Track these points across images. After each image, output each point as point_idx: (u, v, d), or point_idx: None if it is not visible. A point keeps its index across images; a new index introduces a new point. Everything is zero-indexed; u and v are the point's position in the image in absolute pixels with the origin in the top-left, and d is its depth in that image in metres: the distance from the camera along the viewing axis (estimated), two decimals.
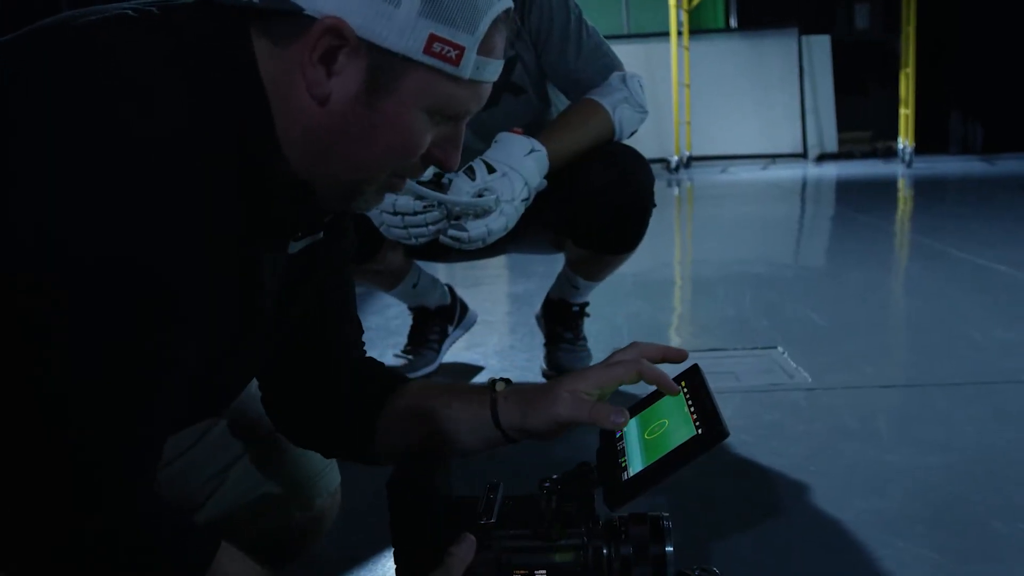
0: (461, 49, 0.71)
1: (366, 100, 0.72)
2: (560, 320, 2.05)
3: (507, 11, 0.75)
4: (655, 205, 1.80)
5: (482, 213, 1.50)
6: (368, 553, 1.20)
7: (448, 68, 0.72)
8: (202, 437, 1.02)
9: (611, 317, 2.58)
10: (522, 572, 0.84)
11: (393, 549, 0.84)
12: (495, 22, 0.73)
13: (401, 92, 0.72)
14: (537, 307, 2.18)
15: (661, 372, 0.88)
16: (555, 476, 0.91)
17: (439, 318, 2.11)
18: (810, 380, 1.92)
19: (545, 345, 2.07)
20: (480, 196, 1.50)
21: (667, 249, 4.15)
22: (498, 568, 0.84)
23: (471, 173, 1.53)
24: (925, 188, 5.78)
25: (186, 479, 1.00)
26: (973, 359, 2.04)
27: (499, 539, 0.85)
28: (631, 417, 0.91)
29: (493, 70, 0.75)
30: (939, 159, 7.79)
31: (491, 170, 1.53)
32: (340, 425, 0.99)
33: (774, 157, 8.15)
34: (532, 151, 1.56)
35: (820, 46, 8.31)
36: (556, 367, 1.97)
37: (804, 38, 8.20)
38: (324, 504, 1.13)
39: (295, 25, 0.69)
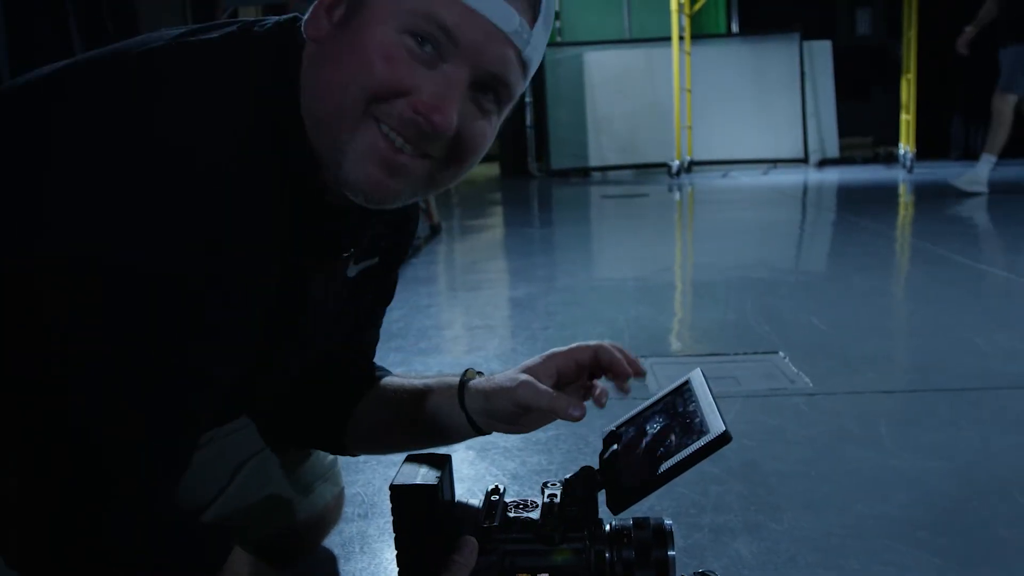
0: None
1: (344, 25, 0.74)
2: None
3: None
4: None
5: None
6: (371, 555, 1.20)
7: None
8: (211, 438, 1.02)
9: (612, 321, 2.58)
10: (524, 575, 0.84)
11: (396, 551, 0.84)
12: None
13: (372, 7, 0.73)
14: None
15: (618, 358, 0.91)
16: (558, 479, 0.91)
17: None
18: (811, 385, 1.92)
19: None
20: None
21: (668, 254, 4.15)
22: (501, 571, 0.84)
23: None
24: (926, 193, 5.78)
25: (194, 479, 1.00)
26: (975, 364, 2.04)
27: (502, 542, 0.85)
28: (634, 421, 0.91)
29: None
30: (940, 164, 7.78)
31: None
32: (314, 421, 1.02)
33: (775, 162, 8.14)
34: None
35: (822, 51, 8.31)
36: None
37: (805, 43, 8.19)
38: (328, 506, 1.14)
39: None
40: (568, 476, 0.89)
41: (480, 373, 0.95)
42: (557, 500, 0.87)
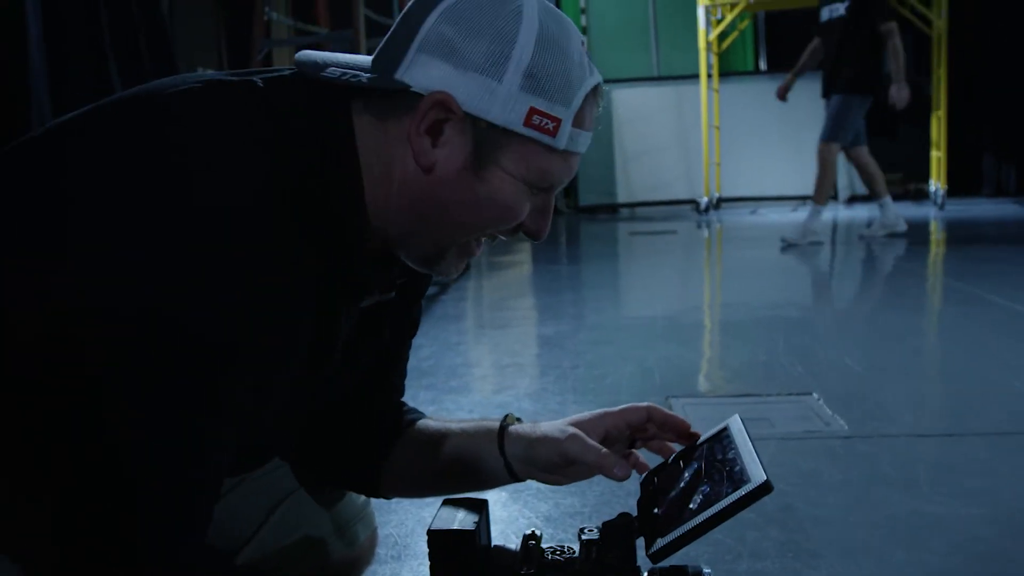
0: (558, 121, 0.76)
1: (473, 170, 0.77)
2: None
3: (598, 86, 0.80)
4: None
5: None
6: None
7: (546, 139, 0.76)
8: (245, 478, 1.03)
9: (642, 360, 2.57)
10: None
11: None
12: (588, 96, 0.79)
13: (504, 163, 0.77)
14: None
15: (671, 414, 0.92)
16: (595, 525, 0.91)
17: None
18: (847, 428, 1.90)
19: None
20: None
21: (697, 292, 4.13)
22: None
23: None
24: (958, 231, 5.73)
25: (229, 519, 1.01)
26: (1014, 408, 2.00)
27: None
28: (673, 468, 0.90)
29: (584, 141, 0.81)
30: (972, 201, 7.72)
31: None
32: (347, 462, 1.02)
33: (804, 198, 8.10)
34: None
35: None
36: None
37: None
38: (363, 546, 1.13)
39: (402, 101, 0.75)
40: (606, 522, 0.89)
41: (519, 419, 0.95)
42: (594, 547, 0.86)
